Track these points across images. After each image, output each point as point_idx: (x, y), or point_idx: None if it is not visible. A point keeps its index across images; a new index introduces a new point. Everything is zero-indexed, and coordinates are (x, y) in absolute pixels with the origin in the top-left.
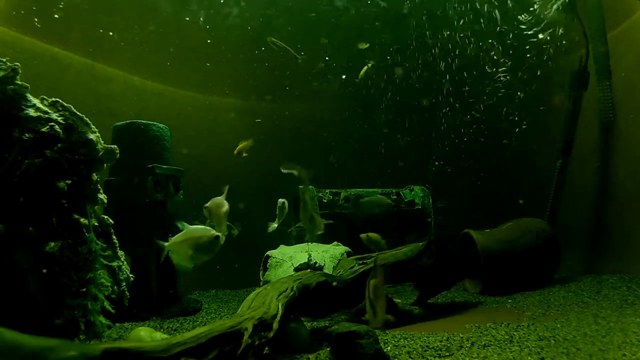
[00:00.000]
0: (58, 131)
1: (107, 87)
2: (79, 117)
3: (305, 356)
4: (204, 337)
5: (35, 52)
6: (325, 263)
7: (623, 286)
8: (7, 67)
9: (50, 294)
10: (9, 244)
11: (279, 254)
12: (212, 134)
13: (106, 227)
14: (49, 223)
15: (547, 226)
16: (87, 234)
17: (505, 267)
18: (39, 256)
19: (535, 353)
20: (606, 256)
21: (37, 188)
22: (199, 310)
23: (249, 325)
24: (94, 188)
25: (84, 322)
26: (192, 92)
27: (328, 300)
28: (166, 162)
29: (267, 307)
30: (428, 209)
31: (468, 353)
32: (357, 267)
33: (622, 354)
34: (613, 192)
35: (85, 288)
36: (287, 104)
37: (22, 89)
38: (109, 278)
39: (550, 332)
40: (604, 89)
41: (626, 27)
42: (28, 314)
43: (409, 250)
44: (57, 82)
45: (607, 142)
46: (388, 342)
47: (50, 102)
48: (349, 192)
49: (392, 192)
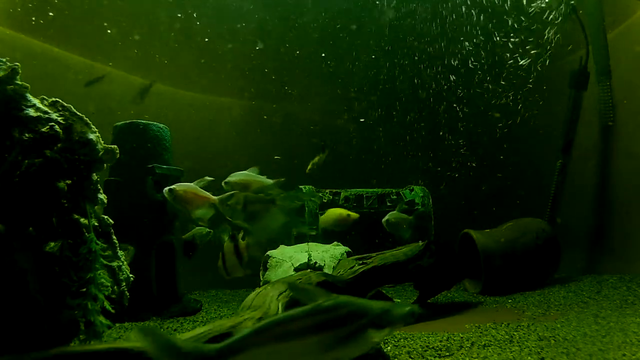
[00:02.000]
0: (58, 131)
1: (107, 87)
2: (79, 117)
3: None
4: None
5: (35, 52)
6: (325, 263)
7: (623, 286)
8: (7, 67)
9: (50, 294)
10: (9, 244)
11: (279, 254)
12: (212, 134)
13: (106, 227)
14: (49, 223)
15: (547, 226)
16: (87, 234)
17: (505, 267)
18: (39, 256)
19: (535, 353)
20: (606, 256)
21: (37, 188)
22: (199, 310)
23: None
24: (94, 188)
25: (84, 322)
26: (192, 92)
27: None
28: (166, 162)
29: (267, 307)
30: (428, 208)
31: (468, 353)
32: (357, 267)
33: (622, 354)
34: (613, 192)
35: (85, 288)
36: (287, 104)
37: (22, 89)
38: (109, 278)
39: (550, 332)
40: (604, 89)
41: (626, 27)
42: (28, 314)
43: (409, 250)
44: (57, 82)
45: (607, 142)
46: (388, 342)
47: (50, 102)
48: (349, 192)
49: (392, 192)
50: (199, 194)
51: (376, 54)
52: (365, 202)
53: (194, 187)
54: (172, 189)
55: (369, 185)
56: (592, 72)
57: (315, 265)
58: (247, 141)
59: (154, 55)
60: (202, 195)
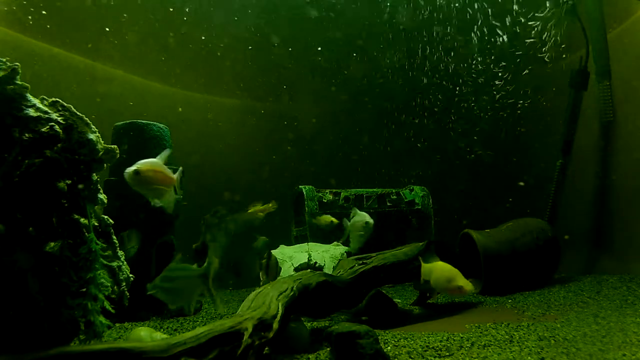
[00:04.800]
0: (58, 131)
1: (107, 87)
2: (79, 117)
3: (305, 356)
4: (204, 337)
5: (35, 52)
6: (325, 263)
7: (623, 286)
8: (7, 67)
9: (50, 294)
10: (9, 244)
11: (279, 254)
12: (212, 134)
13: (106, 227)
14: (49, 223)
15: (547, 226)
16: (87, 234)
17: (505, 267)
18: (39, 256)
19: (535, 353)
20: (606, 256)
21: (37, 188)
22: (199, 310)
23: (249, 325)
24: (94, 188)
25: (84, 322)
26: (192, 92)
27: (328, 300)
28: (166, 162)
29: (267, 307)
30: (428, 209)
31: (468, 353)
32: (357, 267)
33: (622, 354)
34: (613, 192)
35: (85, 288)
36: (287, 104)
37: (22, 89)
38: (109, 278)
39: (550, 332)
40: (604, 89)
41: (626, 27)
42: (28, 314)
43: (409, 250)
44: (57, 82)
45: (607, 142)
46: (388, 342)
47: (50, 102)
48: (349, 192)
49: (392, 192)
50: (167, 172)
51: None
52: (365, 202)
53: (161, 165)
54: (137, 170)
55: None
56: (592, 72)
57: (316, 265)
58: (248, 141)
59: (154, 55)
60: (169, 174)
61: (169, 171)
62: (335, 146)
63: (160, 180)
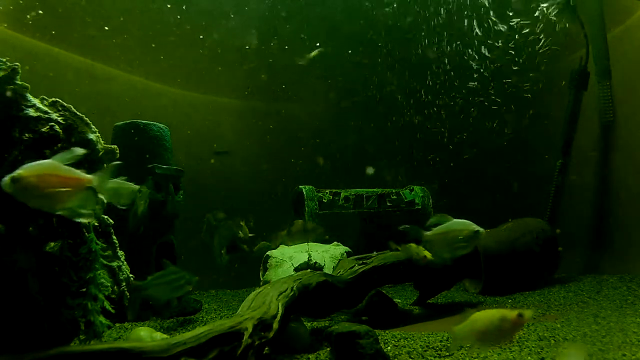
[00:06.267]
0: (58, 131)
1: (107, 87)
2: (79, 117)
3: (305, 356)
4: (204, 337)
5: (35, 52)
6: (325, 263)
7: (623, 286)
8: (7, 67)
9: (50, 294)
10: (9, 244)
11: (279, 254)
12: (212, 134)
13: (106, 227)
14: (49, 223)
15: (547, 226)
16: (87, 234)
17: (505, 267)
18: (39, 256)
19: (535, 353)
20: (606, 256)
21: None
22: (199, 310)
23: (249, 325)
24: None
25: (84, 322)
26: (192, 92)
27: (328, 300)
28: (166, 162)
29: (267, 307)
30: (428, 209)
31: (468, 353)
32: (357, 267)
33: (622, 354)
34: (613, 192)
35: (85, 288)
36: (287, 105)
37: (22, 89)
38: (109, 278)
39: (550, 332)
40: (604, 89)
41: (626, 27)
42: (28, 314)
43: None
44: (57, 82)
45: (607, 142)
46: (388, 342)
47: (50, 102)
48: (349, 192)
49: (392, 192)
50: (64, 174)
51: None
52: (365, 202)
53: (55, 166)
54: (14, 177)
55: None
56: (592, 72)
57: (315, 265)
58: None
59: (153, 55)
60: (69, 175)
61: (70, 171)
62: (336, 146)
63: (54, 184)
